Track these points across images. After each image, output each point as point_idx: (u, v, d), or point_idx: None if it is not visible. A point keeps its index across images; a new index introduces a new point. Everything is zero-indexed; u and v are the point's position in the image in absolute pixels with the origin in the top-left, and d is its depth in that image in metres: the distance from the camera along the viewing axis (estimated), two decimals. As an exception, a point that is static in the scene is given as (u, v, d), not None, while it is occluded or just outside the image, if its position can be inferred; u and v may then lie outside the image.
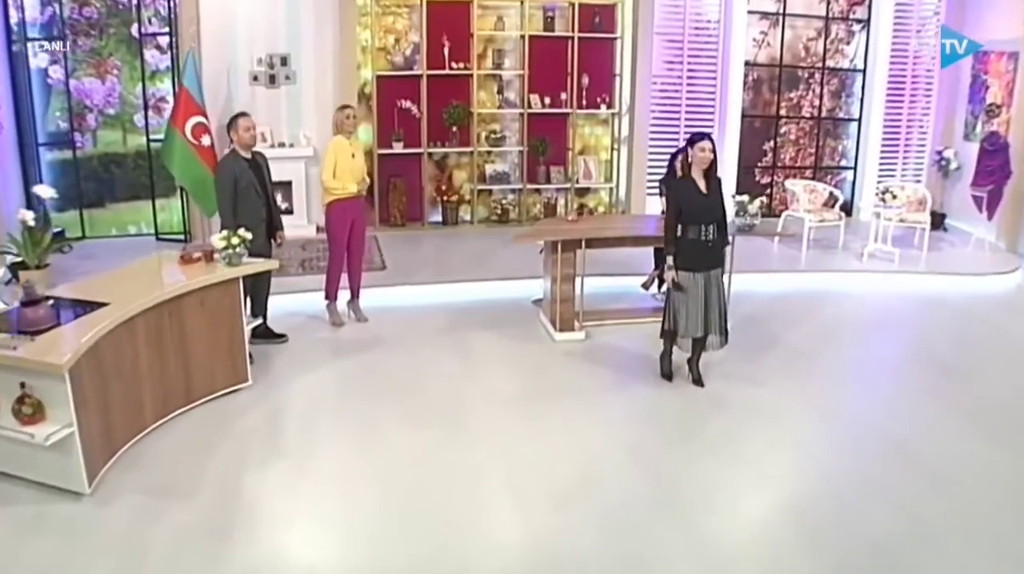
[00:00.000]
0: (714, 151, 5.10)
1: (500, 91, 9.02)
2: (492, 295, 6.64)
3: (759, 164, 9.93)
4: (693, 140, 4.92)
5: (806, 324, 6.23)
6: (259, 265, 5.06)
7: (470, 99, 8.86)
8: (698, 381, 4.94)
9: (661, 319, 4.91)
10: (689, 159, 4.82)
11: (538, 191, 9.46)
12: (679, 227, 4.67)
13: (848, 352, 5.66)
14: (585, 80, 9.04)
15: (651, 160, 9.36)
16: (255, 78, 8.48)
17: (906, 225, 8.19)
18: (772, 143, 9.87)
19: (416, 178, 9.07)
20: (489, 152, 9.32)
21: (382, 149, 8.95)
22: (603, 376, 5.19)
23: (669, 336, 4.92)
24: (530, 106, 9.08)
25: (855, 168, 10.16)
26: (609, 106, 9.25)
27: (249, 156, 5.36)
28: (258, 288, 5.43)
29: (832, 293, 7.07)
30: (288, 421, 4.58)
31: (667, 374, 4.98)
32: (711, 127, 9.68)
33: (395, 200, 9.07)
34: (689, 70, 9.42)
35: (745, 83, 9.59)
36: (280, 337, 5.76)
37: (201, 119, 7.42)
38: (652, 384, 5.02)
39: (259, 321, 5.44)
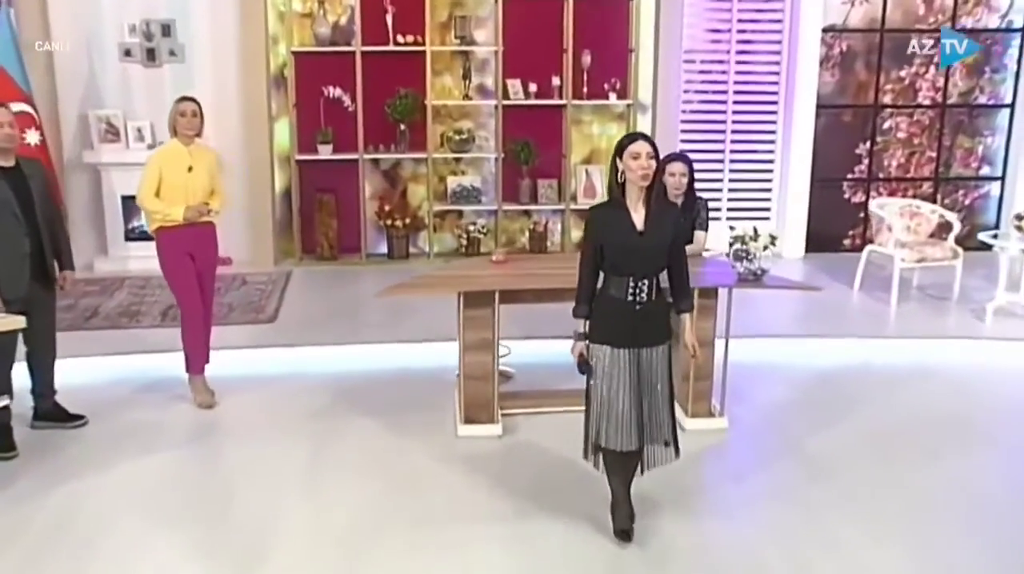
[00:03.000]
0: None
1: (467, 75, 8.47)
2: (412, 363, 6.21)
3: (849, 176, 9.10)
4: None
5: (882, 422, 5.40)
6: (-5, 324, 4.49)
7: (424, 86, 8.34)
8: (624, 532, 4.03)
9: (584, 426, 4.08)
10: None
11: (526, 213, 8.82)
12: (599, 277, 3.92)
13: (956, 478, 4.72)
14: (587, 59, 8.43)
15: (683, 171, 8.67)
16: (127, 53, 8.14)
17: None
18: (869, 145, 9.08)
19: (352, 194, 8.56)
20: (458, 159, 8.76)
21: (303, 154, 8.49)
22: (509, 503, 4.40)
23: (597, 455, 4.08)
24: (507, 96, 8.48)
25: (1002, 179, 9.21)
26: (622, 95, 8.58)
27: (10, 163, 4.83)
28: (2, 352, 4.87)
29: (934, 371, 6.24)
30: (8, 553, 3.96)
31: (624, 531, 4.09)
32: (771, 125, 8.93)
33: (322, 224, 8.55)
34: (741, 42, 8.81)
35: (826, 58, 8.79)
36: (75, 419, 5.26)
37: (23, 107, 7.00)
38: (592, 530, 4.16)
39: (4, 401, 4.86)
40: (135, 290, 7.42)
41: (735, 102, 8.90)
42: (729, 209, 9.04)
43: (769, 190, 9.10)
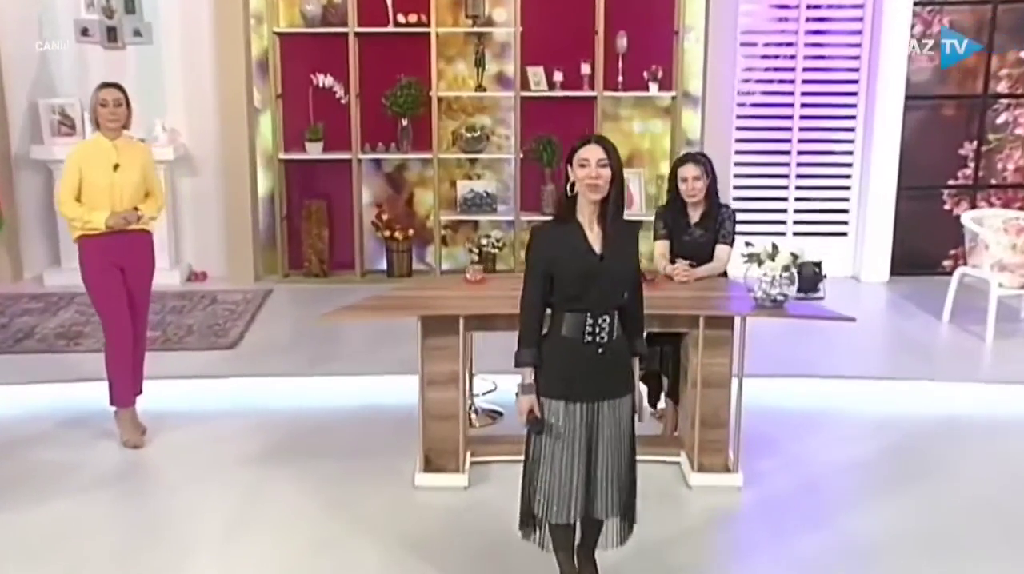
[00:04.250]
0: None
1: (481, 62, 8.28)
2: (385, 398, 6.02)
3: (950, 183, 8.71)
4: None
5: (957, 496, 4.97)
6: None
7: (429, 74, 8.17)
8: None
9: (520, 491, 3.79)
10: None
11: (552, 225, 8.55)
12: (548, 314, 3.66)
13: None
14: (622, 42, 8.16)
15: (740, 176, 8.56)
16: (84, 32, 8.14)
17: None
18: (976, 144, 8.66)
19: (346, 201, 8.42)
20: (473, 161, 8.57)
21: (289, 153, 8.39)
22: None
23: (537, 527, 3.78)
24: (528, 86, 8.24)
25: None
26: (665, 85, 8.28)
27: None
28: None
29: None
30: None
31: None
32: (849, 121, 8.56)
33: (310, 235, 8.42)
34: (813, 19, 8.49)
35: (920, 36, 8.37)
36: (-38, 459, 5.14)
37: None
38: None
39: None
40: (83, 308, 7.33)
41: (804, 93, 8.53)
42: (796, 222, 8.63)
43: (846, 199, 8.67)
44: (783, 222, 8.60)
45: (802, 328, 6.70)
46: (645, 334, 3.85)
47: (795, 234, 8.57)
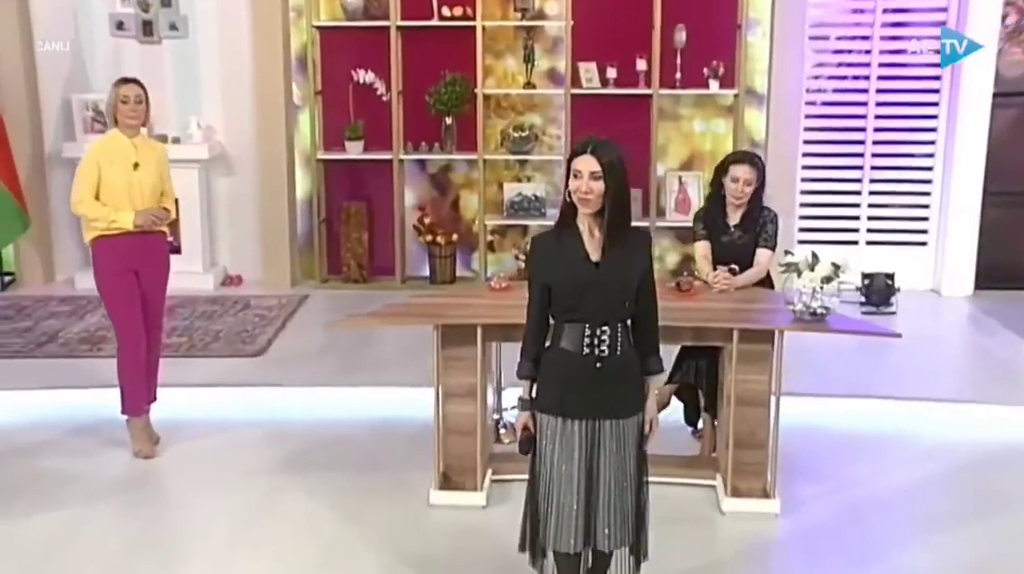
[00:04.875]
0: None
1: (529, 57, 8.31)
2: (410, 411, 6.01)
3: None
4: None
5: None
6: None
7: (475, 70, 8.24)
8: None
9: (523, 515, 3.78)
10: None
11: (606, 230, 8.55)
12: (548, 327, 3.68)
13: None
14: (680, 36, 8.13)
15: (808, 180, 8.51)
16: (119, 25, 8.37)
17: None
18: None
19: (387, 203, 8.52)
20: (522, 162, 8.61)
21: (329, 153, 8.52)
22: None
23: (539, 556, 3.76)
24: (579, 83, 8.26)
25: None
26: (727, 83, 8.22)
27: None
28: None
29: None
30: None
31: None
32: (930, 120, 8.43)
33: (349, 239, 8.54)
34: (891, 10, 8.42)
35: (1015, 30, 8.23)
36: (-28, 466, 5.32)
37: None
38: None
39: None
40: (112, 312, 7.57)
41: (880, 91, 8.41)
42: (869, 230, 8.49)
43: (926, 206, 8.50)
44: (855, 230, 8.48)
45: (868, 345, 6.65)
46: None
47: (868, 243, 8.45)
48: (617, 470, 3.57)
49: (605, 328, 3.51)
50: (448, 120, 8.32)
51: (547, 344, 3.64)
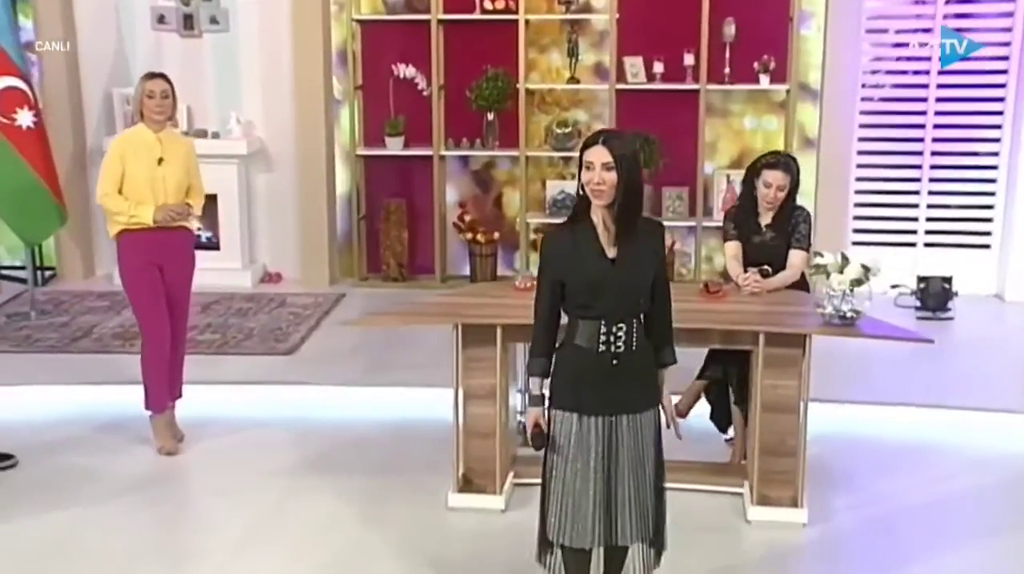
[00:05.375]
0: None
1: (573, 52, 8.34)
2: (438, 412, 6.03)
3: None
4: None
5: None
6: None
7: (517, 64, 8.31)
8: None
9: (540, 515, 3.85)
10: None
11: (655, 230, 8.56)
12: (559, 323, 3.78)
13: None
14: (729, 30, 8.12)
15: (863, 179, 8.45)
16: (160, 19, 8.57)
17: None
18: None
19: (426, 200, 8.62)
20: (567, 159, 8.64)
21: (369, 148, 8.66)
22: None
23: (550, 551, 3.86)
24: (623, 78, 8.28)
25: None
26: (778, 77, 8.18)
27: None
28: None
29: None
30: None
31: None
32: (996, 117, 8.32)
33: (389, 237, 8.64)
34: (953, 1, 8.25)
35: None
36: (2, 459, 5.53)
37: (14, 82, 7.47)
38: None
39: None
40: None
41: (941, 85, 8.30)
42: (928, 232, 8.38)
43: (990, 207, 8.38)
44: (913, 231, 8.39)
45: (924, 352, 6.56)
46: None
47: (927, 246, 8.37)
48: (635, 465, 3.67)
49: (621, 325, 3.60)
50: (490, 116, 8.40)
51: (560, 341, 3.74)
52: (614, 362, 3.60)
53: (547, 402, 3.74)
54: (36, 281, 8.40)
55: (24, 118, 7.45)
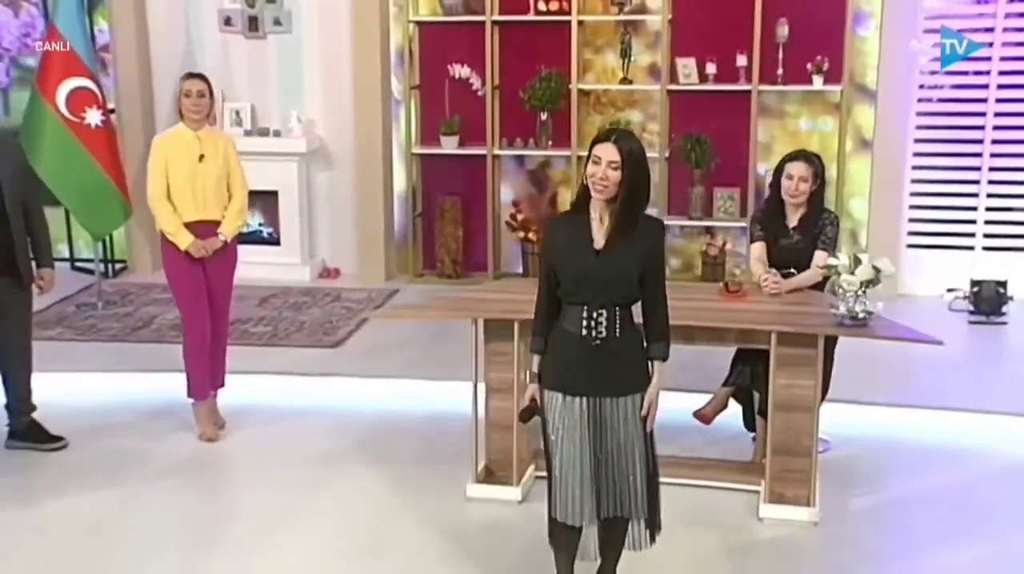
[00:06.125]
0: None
1: (626, 52, 8.39)
2: (464, 404, 6.18)
3: None
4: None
5: None
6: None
7: (569, 65, 8.40)
8: None
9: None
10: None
11: (707, 231, 8.56)
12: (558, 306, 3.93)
13: None
14: (783, 30, 8.07)
15: (919, 181, 8.36)
16: (227, 21, 8.83)
17: None
18: None
19: (481, 198, 8.76)
20: (620, 159, 8.69)
21: (425, 147, 8.82)
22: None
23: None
24: (675, 79, 8.32)
25: None
26: (832, 78, 8.12)
27: None
28: None
29: None
30: None
31: None
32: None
33: (444, 234, 8.79)
34: None
35: None
36: (53, 441, 5.82)
37: (84, 83, 7.76)
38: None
39: None
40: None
41: (1002, 86, 8.15)
42: (987, 236, 8.24)
43: (1051, 210, 8.21)
44: (971, 234, 8.25)
45: (974, 356, 6.63)
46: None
47: (985, 249, 8.21)
48: (621, 446, 3.82)
49: (602, 311, 3.75)
50: (543, 116, 8.48)
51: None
52: (596, 345, 3.75)
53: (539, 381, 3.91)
54: (106, 273, 8.77)
55: (93, 117, 7.75)
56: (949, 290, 7.89)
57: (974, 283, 7.67)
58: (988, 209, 8.25)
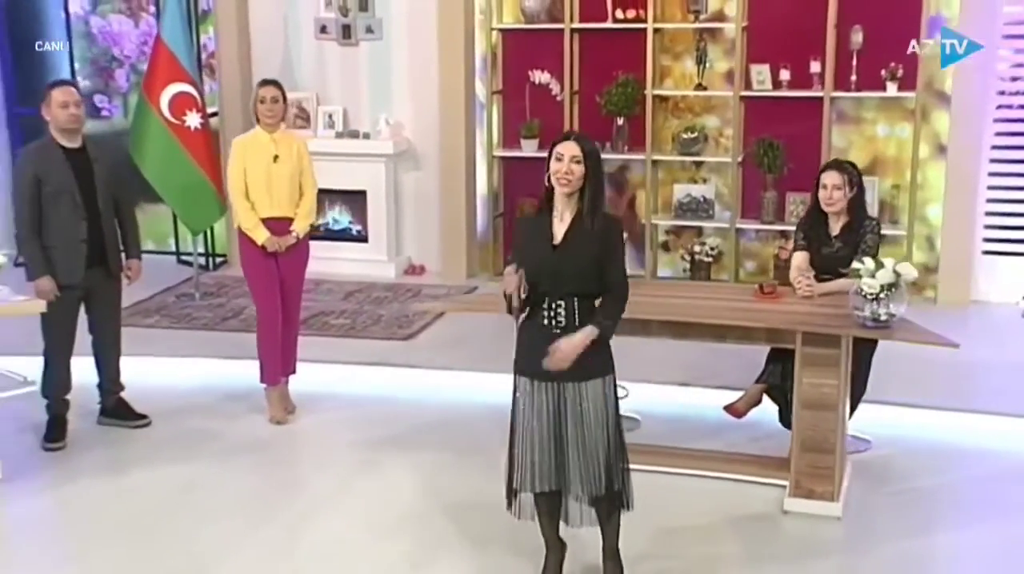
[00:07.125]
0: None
1: (702, 59, 8.56)
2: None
3: None
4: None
5: None
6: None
7: (645, 71, 8.60)
8: None
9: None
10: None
11: (781, 234, 8.67)
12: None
13: None
14: (857, 37, 8.12)
15: (995, 188, 8.32)
16: (322, 29, 9.25)
17: None
18: None
19: (559, 199, 8.98)
20: (698, 164, 8.88)
21: (506, 150, 9.11)
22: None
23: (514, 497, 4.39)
24: (749, 85, 8.46)
25: None
26: (906, 85, 8.15)
27: (75, 144, 5.90)
28: (55, 339, 5.93)
29: None
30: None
31: None
32: None
33: (524, 233, 9.06)
34: None
35: None
36: (139, 418, 6.28)
37: (185, 87, 8.28)
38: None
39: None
40: (296, 293, 8.46)
41: (1083, 95, 8.06)
42: (1065, 243, 8.18)
43: None
44: (1033, 243, 8.19)
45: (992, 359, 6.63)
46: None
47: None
48: (584, 428, 4.11)
49: (561, 302, 4.07)
50: (619, 120, 8.70)
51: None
52: (556, 334, 4.04)
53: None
54: (207, 266, 9.31)
55: (192, 120, 8.28)
56: (1024, 297, 7.88)
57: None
58: (1065, 217, 8.20)
